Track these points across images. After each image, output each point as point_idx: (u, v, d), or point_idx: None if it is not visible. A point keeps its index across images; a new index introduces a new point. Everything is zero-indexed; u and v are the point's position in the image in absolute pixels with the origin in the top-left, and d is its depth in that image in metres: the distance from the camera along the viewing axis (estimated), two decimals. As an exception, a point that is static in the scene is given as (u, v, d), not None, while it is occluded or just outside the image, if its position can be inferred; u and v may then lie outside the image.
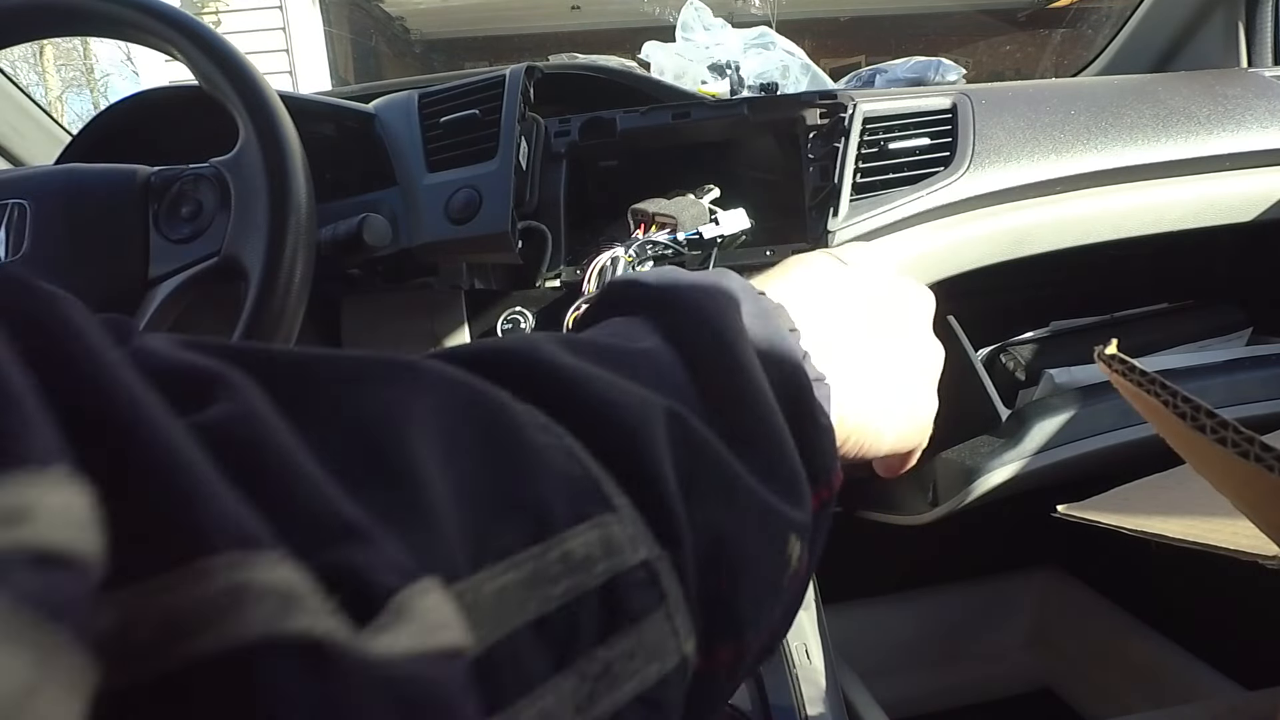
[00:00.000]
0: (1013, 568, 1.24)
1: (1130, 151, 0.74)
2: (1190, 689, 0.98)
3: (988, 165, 0.73)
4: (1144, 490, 0.46)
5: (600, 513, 0.19)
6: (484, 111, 0.79)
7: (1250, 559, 0.34)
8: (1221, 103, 0.77)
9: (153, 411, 0.13)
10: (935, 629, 1.21)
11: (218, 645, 0.12)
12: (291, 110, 0.56)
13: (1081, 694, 1.17)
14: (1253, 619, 0.99)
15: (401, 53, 6.34)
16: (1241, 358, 0.79)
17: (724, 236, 0.71)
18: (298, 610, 0.13)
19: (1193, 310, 0.87)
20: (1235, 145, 0.75)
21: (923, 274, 0.76)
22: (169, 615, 0.12)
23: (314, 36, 4.97)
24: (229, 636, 0.12)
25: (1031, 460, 0.72)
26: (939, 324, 0.38)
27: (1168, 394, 0.24)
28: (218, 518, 0.13)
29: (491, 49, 5.99)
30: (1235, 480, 0.26)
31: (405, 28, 6.30)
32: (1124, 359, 0.25)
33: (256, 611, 0.12)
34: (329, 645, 0.13)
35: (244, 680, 0.12)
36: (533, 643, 0.17)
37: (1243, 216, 0.77)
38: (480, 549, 0.17)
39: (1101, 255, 0.77)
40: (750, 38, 1.25)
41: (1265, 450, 0.22)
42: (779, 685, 0.56)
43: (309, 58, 4.85)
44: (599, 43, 4.77)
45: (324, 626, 0.13)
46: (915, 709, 1.15)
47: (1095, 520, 0.43)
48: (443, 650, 0.14)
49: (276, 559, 0.13)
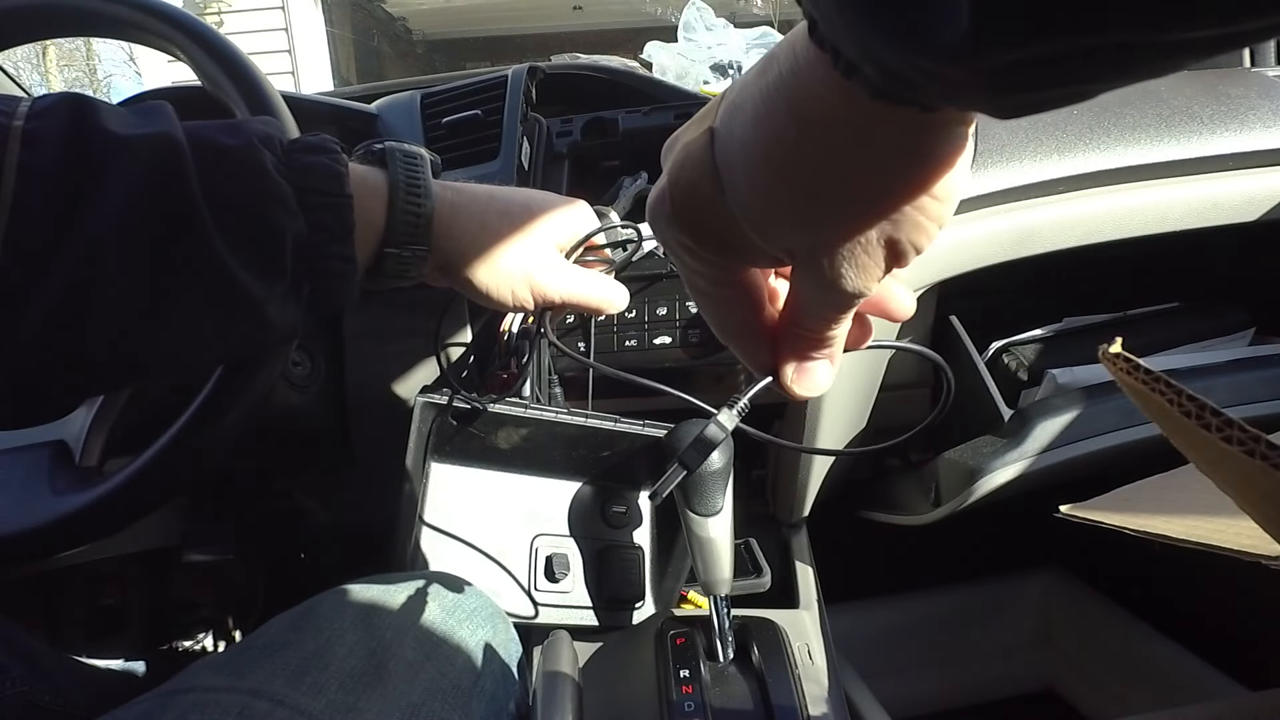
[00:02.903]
0: (1015, 568, 1.24)
1: (1133, 151, 0.74)
2: (1192, 689, 0.98)
3: (990, 165, 0.73)
4: (1147, 490, 0.46)
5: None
6: (486, 112, 0.79)
7: (1253, 559, 0.34)
8: (1224, 102, 0.77)
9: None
10: (938, 629, 1.20)
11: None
12: (294, 111, 0.56)
13: (1083, 694, 1.17)
14: (1255, 619, 0.99)
15: (404, 53, 6.34)
16: (1244, 358, 0.79)
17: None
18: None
19: (1195, 310, 0.87)
20: (1238, 145, 0.75)
21: (924, 273, 0.76)
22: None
23: (316, 37, 4.97)
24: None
25: (1034, 460, 0.72)
26: (941, 324, 0.38)
27: (1173, 392, 0.24)
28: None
29: (493, 49, 5.99)
30: (1240, 479, 0.26)
31: (407, 28, 6.30)
32: (1129, 357, 0.25)
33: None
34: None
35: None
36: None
37: (1246, 217, 0.77)
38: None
39: (1104, 255, 0.77)
40: (752, 38, 1.25)
41: (1271, 449, 0.22)
42: (781, 685, 0.56)
43: (311, 58, 4.85)
44: (601, 43, 4.77)
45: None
46: (918, 709, 1.15)
47: (1098, 520, 0.43)
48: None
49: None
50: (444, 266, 0.49)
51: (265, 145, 0.40)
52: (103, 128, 0.36)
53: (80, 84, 7.75)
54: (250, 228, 0.39)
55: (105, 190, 0.35)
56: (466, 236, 0.48)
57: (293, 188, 0.40)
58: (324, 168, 0.42)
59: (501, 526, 0.64)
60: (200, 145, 0.38)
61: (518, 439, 0.61)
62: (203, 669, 0.43)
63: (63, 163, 0.35)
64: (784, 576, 0.77)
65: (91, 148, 0.35)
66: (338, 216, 0.42)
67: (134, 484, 0.51)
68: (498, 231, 0.49)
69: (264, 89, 0.56)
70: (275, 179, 0.40)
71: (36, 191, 0.34)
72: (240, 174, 0.39)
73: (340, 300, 0.45)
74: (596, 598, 0.65)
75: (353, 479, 0.86)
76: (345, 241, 0.42)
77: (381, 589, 0.51)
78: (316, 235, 0.41)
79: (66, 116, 0.36)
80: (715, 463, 0.56)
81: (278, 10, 4.77)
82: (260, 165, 0.40)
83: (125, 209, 0.35)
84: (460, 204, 0.48)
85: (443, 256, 0.48)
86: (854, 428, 0.83)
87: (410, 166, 0.46)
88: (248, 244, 0.38)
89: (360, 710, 0.41)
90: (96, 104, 0.38)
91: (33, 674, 0.62)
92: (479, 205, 0.49)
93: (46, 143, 0.35)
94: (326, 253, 0.42)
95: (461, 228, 0.48)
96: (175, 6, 0.59)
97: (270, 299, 0.40)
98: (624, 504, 0.67)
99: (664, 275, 0.73)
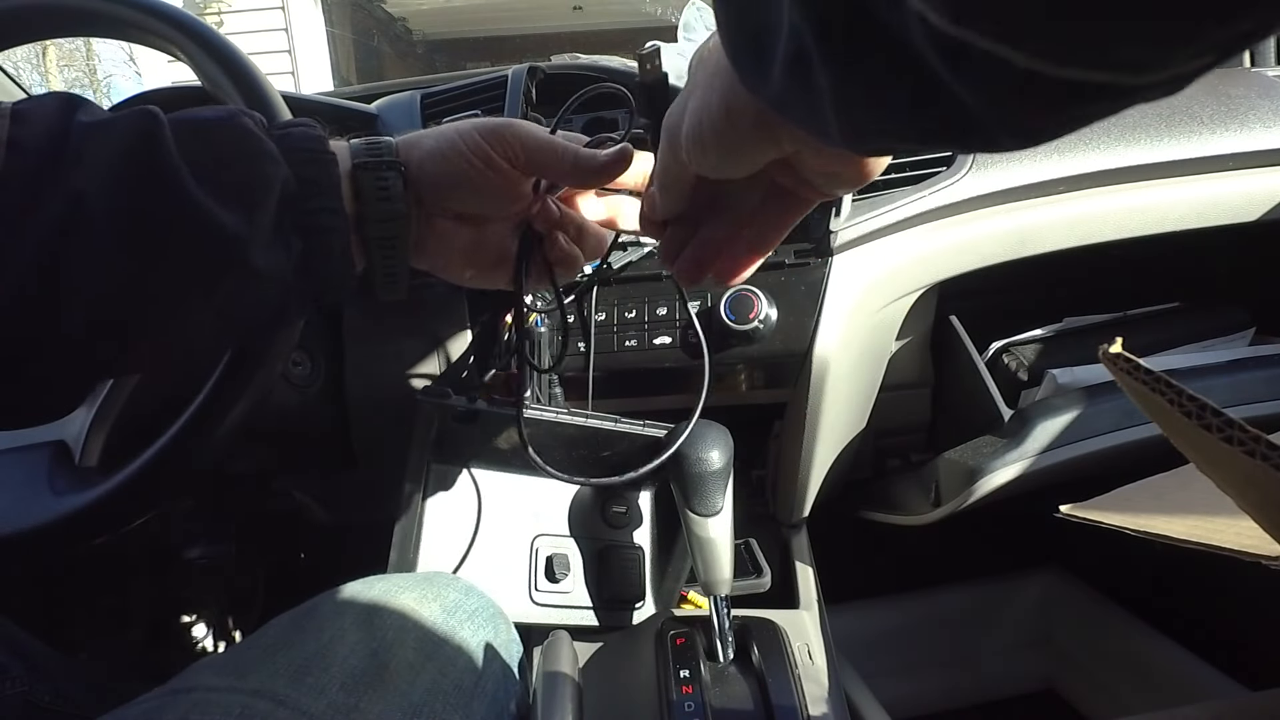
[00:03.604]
0: (1015, 568, 1.24)
1: (1133, 151, 0.74)
2: (1192, 689, 0.98)
3: (990, 165, 0.73)
4: (1147, 490, 0.46)
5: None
6: (486, 112, 0.79)
7: (1253, 559, 0.34)
8: (1225, 102, 0.77)
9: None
10: (938, 629, 1.20)
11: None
12: (294, 111, 0.56)
13: (1083, 694, 1.17)
14: (1255, 619, 0.99)
15: (404, 53, 6.34)
16: (1244, 358, 0.79)
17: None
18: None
19: (1196, 310, 0.87)
20: (1238, 145, 0.75)
21: (925, 274, 0.76)
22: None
23: (316, 37, 4.97)
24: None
25: (1034, 460, 0.72)
26: (941, 324, 0.39)
27: (1173, 392, 0.24)
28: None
29: (493, 49, 5.99)
30: (1240, 479, 0.26)
31: (407, 28, 6.30)
32: (1129, 358, 0.25)
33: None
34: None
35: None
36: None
37: (1246, 216, 0.77)
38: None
39: (1104, 255, 0.77)
40: (752, 38, 1.25)
41: (1271, 448, 0.22)
42: (781, 685, 0.56)
43: (311, 58, 4.85)
44: (601, 43, 4.77)
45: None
46: (918, 709, 1.15)
47: (1098, 520, 0.43)
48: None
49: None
50: (411, 169, 0.46)
51: (246, 116, 0.42)
52: (88, 111, 0.38)
53: (80, 84, 7.75)
54: (232, 174, 0.39)
55: (85, 157, 0.36)
56: (421, 133, 0.48)
57: (278, 148, 0.41)
58: (304, 133, 0.43)
59: (502, 527, 0.64)
60: (180, 120, 0.40)
61: (518, 439, 0.61)
62: (204, 669, 0.43)
63: (49, 135, 0.36)
64: (784, 576, 0.77)
65: (76, 125, 0.37)
66: (324, 170, 0.43)
67: (134, 484, 0.51)
68: (450, 124, 0.48)
69: (264, 89, 0.56)
70: (260, 137, 0.41)
71: (24, 159, 0.35)
72: (223, 137, 0.40)
73: (333, 265, 0.44)
74: (597, 598, 0.65)
75: (353, 479, 0.86)
76: (332, 196, 0.43)
77: (382, 589, 0.51)
78: (305, 188, 0.42)
79: (55, 103, 0.38)
80: (715, 462, 0.56)
81: (278, 10, 4.77)
82: (244, 128, 0.41)
83: (103, 172, 0.36)
84: (412, 133, 0.49)
85: (406, 159, 0.46)
86: (854, 428, 0.83)
87: (366, 138, 0.47)
88: (229, 187, 0.39)
89: (362, 711, 0.41)
90: (84, 99, 0.39)
91: (33, 674, 0.62)
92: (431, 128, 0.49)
93: (35, 121, 0.36)
94: (314, 206, 0.42)
95: (414, 135, 0.48)
96: (175, 6, 0.59)
97: (253, 240, 0.39)
98: (624, 504, 0.67)
99: (664, 275, 0.73)
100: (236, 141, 0.40)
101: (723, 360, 0.70)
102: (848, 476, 0.92)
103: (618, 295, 0.73)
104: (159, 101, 0.41)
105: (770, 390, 0.72)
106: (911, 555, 1.14)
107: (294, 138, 0.43)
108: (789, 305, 0.70)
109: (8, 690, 0.60)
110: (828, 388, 0.70)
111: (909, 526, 0.86)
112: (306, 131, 0.44)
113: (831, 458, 0.80)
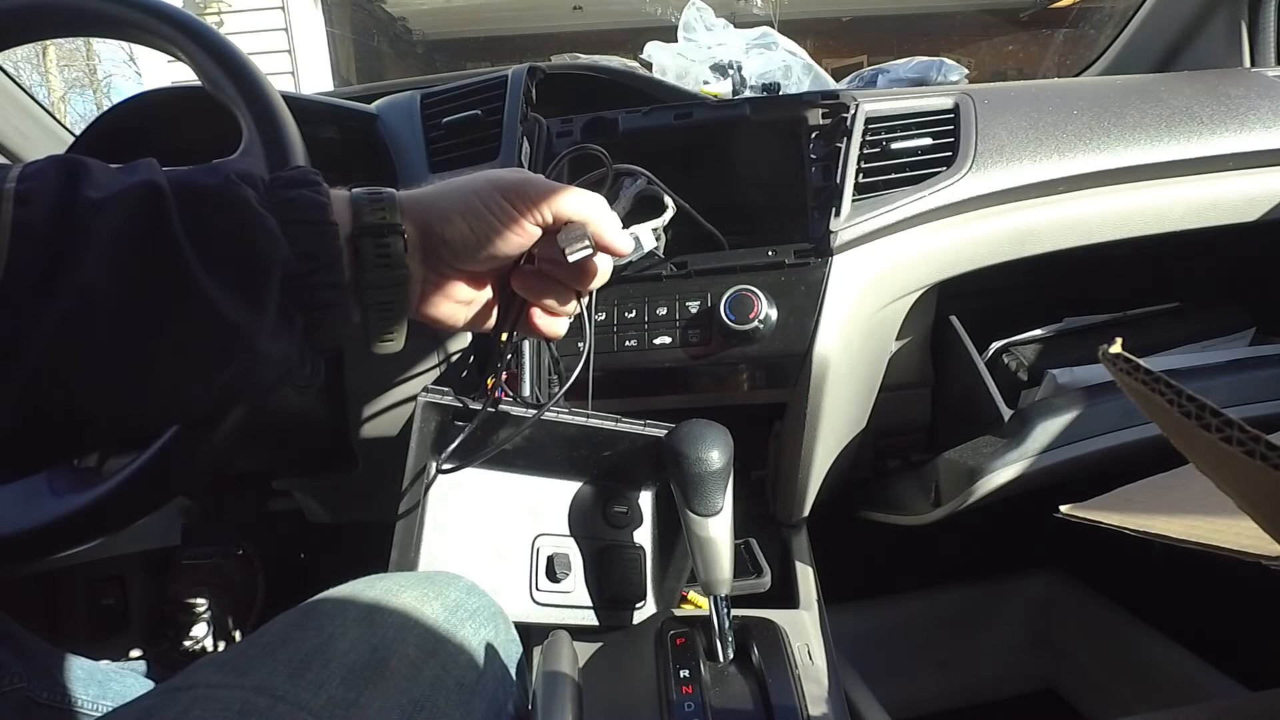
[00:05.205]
0: (1015, 568, 1.24)
1: (1133, 151, 0.74)
2: (1192, 689, 0.98)
3: (990, 165, 0.73)
4: (1147, 490, 0.46)
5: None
6: (486, 112, 0.79)
7: (1253, 559, 0.34)
8: (1224, 103, 0.77)
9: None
10: (937, 629, 1.21)
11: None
12: (294, 111, 0.56)
13: (1083, 694, 1.17)
14: (1255, 619, 0.99)
15: (404, 53, 6.34)
16: (1244, 358, 0.79)
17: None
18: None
19: (1196, 310, 0.87)
20: (1238, 145, 0.75)
21: (925, 274, 0.76)
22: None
23: (316, 37, 4.97)
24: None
25: (1034, 460, 0.72)
26: (941, 324, 0.39)
27: (1173, 393, 0.24)
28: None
29: (493, 49, 5.99)
30: (1239, 479, 0.26)
31: (407, 28, 6.30)
32: (1129, 358, 0.25)
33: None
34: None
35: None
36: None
37: (1246, 216, 0.77)
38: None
39: (1104, 255, 0.77)
40: (752, 38, 1.25)
41: (1271, 449, 0.22)
42: (781, 685, 0.56)
43: (311, 58, 4.85)
44: (601, 43, 4.77)
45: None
46: (918, 709, 1.15)
47: (1098, 520, 0.43)
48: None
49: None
50: (425, 231, 0.46)
51: (245, 181, 0.41)
52: (90, 184, 0.37)
53: (80, 84, 7.74)
54: (234, 257, 0.39)
55: (93, 237, 0.35)
56: (434, 193, 0.47)
57: (277, 220, 0.41)
58: (306, 199, 0.42)
59: (503, 526, 0.64)
60: (181, 187, 0.39)
61: (519, 439, 0.61)
62: (204, 667, 0.43)
63: (53, 219, 0.35)
64: (784, 576, 0.77)
65: (80, 203, 0.36)
66: (324, 243, 0.42)
67: (134, 484, 0.51)
68: (463, 182, 0.48)
69: (264, 89, 0.56)
70: (258, 210, 0.40)
71: (30, 247, 0.34)
72: (221, 210, 0.39)
73: (334, 333, 0.44)
74: (597, 597, 0.65)
75: (353, 479, 0.86)
76: (334, 269, 0.42)
77: (383, 588, 0.51)
78: (305, 264, 0.41)
79: (56, 177, 0.37)
80: (715, 462, 0.56)
81: (278, 10, 4.77)
82: (241, 199, 0.40)
83: (111, 251, 0.36)
84: (419, 190, 0.48)
85: (419, 221, 0.46)
86: (854, 428, 0.83)
87: (370, 190, 0.46)
88: (232, 274, 0.38)
89: (362, 705, 0.41)
90: (85, 162, 0.38)
91: (32, 672, 0.62)
92: (438, 185, 0.49)
93: (38, 202, 0.35)
94: (316, 281, 0.42)
95: (426, 195, 0.47)
96: (175, 6, 0.59)
97: (260, 330, 0.39)
98: (625, 504, 0.67)
99: (664, 275, 0.73)
100: (235, 217, 0.39)
101: (723, 360, 0.70)
102: (848, 476, 0.92)
103: (618, 295, 0.73)
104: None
105: (770, 390, 0.72)
106: (911, 555, 1.14)
107: (296, 206, 0.42)
108: (789, 305, 0.70)
109: (7, 687, 0.60)
110: (828, 388, 0.70)
111: (909, 526, 0.86)
112: (309, 197, 0.42)
113: (831, 458, 0.80)
